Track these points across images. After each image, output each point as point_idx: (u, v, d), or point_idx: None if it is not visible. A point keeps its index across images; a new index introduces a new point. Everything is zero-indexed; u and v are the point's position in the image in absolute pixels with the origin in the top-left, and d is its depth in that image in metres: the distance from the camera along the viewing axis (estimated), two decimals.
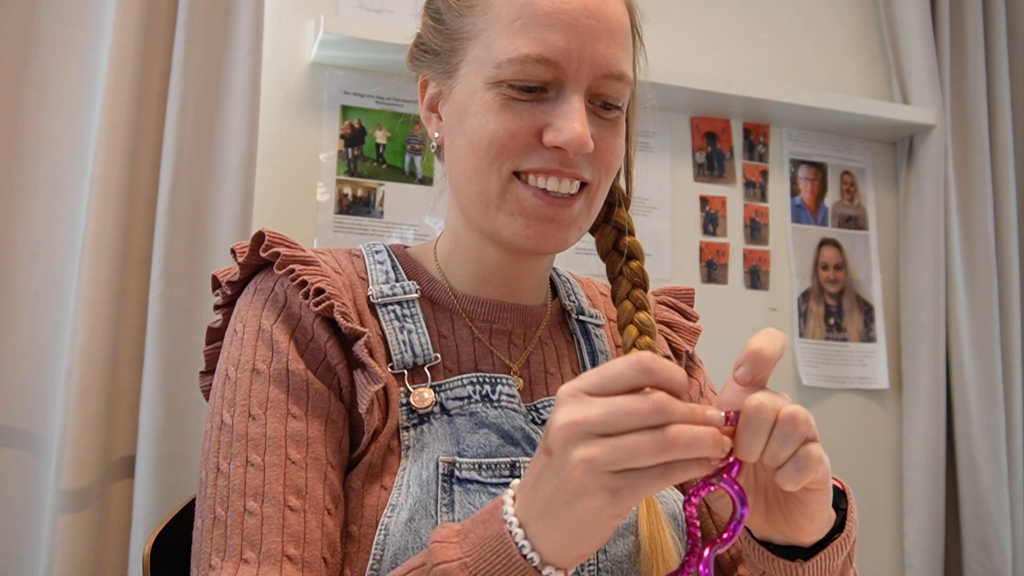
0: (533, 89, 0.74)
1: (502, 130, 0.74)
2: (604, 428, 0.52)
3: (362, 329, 0.75)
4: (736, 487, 0.56)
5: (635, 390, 0.53)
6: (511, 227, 0.77)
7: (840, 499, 0.70)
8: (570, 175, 0.75)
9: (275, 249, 0.77)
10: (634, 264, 0.85)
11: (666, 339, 0.93)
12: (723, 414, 0.55)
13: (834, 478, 0.71)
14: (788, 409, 0.56)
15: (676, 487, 0.85)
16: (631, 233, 0.87)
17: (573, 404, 0.53)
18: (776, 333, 0.59)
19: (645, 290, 0.84)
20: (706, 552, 0.57)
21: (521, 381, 0.82)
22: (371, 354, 0.77)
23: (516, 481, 0.60)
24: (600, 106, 0.77)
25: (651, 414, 0.51)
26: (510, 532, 0.56)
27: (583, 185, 0.78)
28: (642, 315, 0.82)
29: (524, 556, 0.56)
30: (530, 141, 0.75)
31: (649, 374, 0.53)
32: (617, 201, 0.88)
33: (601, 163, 0.77)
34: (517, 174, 0.76)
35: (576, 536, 0.55)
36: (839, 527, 0.68)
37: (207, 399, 0.80)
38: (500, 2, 0.76)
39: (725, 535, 0.57)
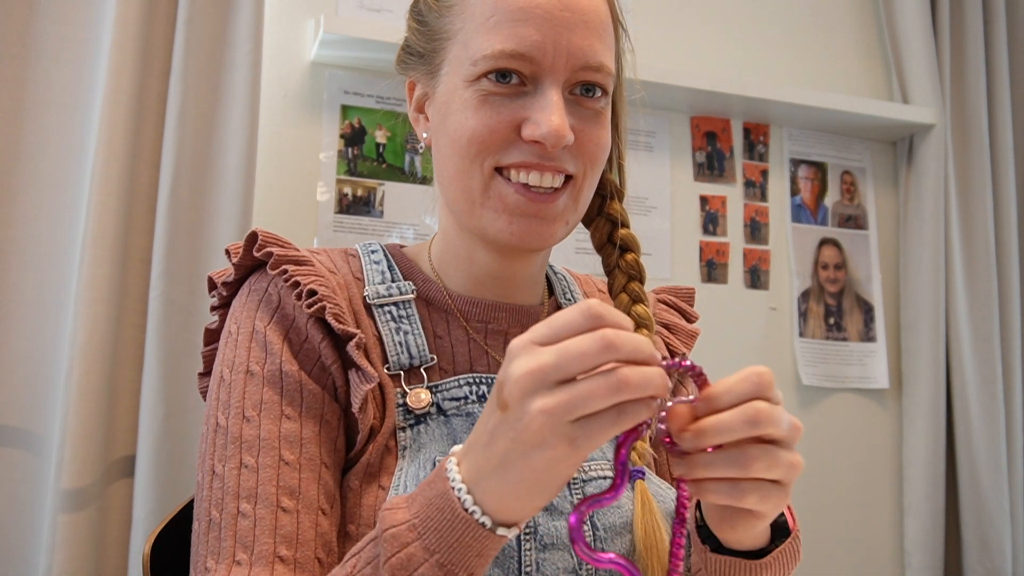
0: (508, 76, 0.74)
1: (481, 126, 0.75)
2: (558, 374, 0.52)
3: (354, 330, 0.75)
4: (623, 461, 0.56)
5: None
6: (495, 224, 0.77)
7: (784, 535, 0.70)
8: (551, 168, 0.75)
9: (268, 249, 0.77)
10: (629, 257, 0.84)
11: (664, 341, 0.93)
12: (663, 357, 0.54)
13: (791, 523, 0.71)
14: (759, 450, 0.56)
15: (671, 483, 0.84)
16: (625, 225, 0.86)
17: (526, 356, 0.53)
18: (757, 372, 0.57)
19: (641, 283, 0.84)
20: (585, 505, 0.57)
21: None
22: (367, 354, 0.77)
23: (458, 448, 0.60)
24: (581, 98, 0.76)
25: (601, 351, 0.51)
26: (458, 498, 0.56)
27: (568, 179, 0.77)
28: (639, 308, 0.81)
29: (470, 514, 0.56)
30: (509, 136, 0.75)
31: (598, 319, 0.53)
32: (609, 194, 0.87)
33: (585, 155, 0.77)
34: (500, 171, 0.76)
35: (531, 488, 0.55)
36: (760, 554, 0.69)
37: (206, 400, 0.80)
38: (476, 0, 0.77)
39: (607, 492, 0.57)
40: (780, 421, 0.56)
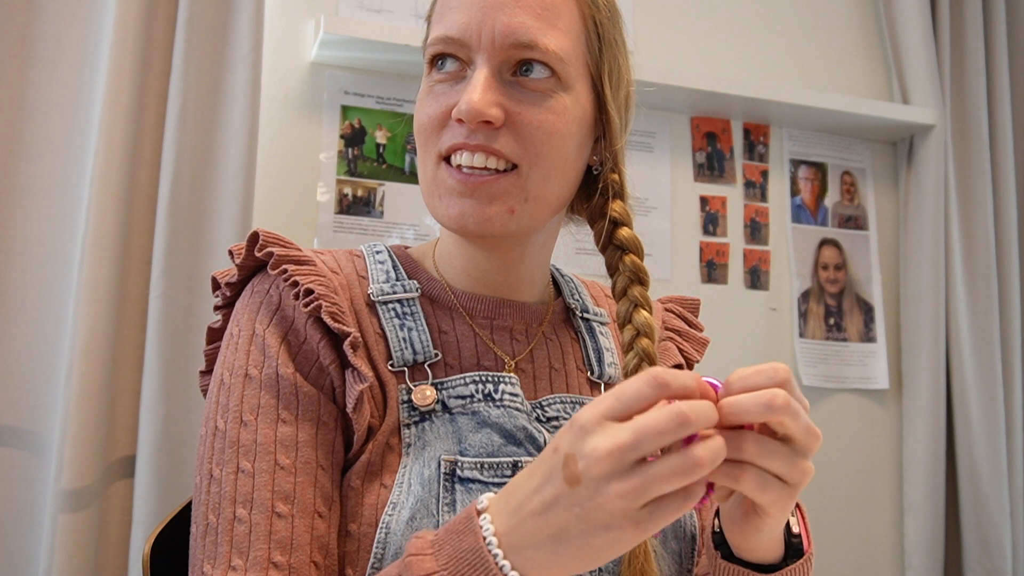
0: (443, 61, 0.77)
1: (424, 116, 0.78)
2: (636, 453, 0.52)
3: (349, 329, 0.74)
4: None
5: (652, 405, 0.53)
6: (440, 209, 0.78)
7: (797, 555, 0.71)
8: (477, 147, 0.74)
9: (269, 249, 0.77)
10: (627, 259, 0.81)
11: (678, 348, 0.93)
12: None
13: (807, 544, 0.72)
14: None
15: None
16: (627, 225, 0.83)
17: (602, 434, 0.53)
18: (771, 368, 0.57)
19: (644, 286, 0.81)
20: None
21: (516, 377, 0.81)
22: (370, 352, 0.77)
23: (488, 496, 0.59)
24: (521, 78, 0.75)
25: (678, 428, 0.51)
26: (496, 562, 0.56)
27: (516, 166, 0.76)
28: (640, 314, 0.79)
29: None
30: (446, 121, 0.77)
31: (665, 388, 0.53)
32: (611, 193, 0.85)
33: (524, 137, 0.75)
34: (448, 159, 0.77)
35: (581, 562, 0.55)
36: (770, 569, 0.69)
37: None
38: (434, 2, 0.81)
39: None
40: (798, 413, 0.55)
